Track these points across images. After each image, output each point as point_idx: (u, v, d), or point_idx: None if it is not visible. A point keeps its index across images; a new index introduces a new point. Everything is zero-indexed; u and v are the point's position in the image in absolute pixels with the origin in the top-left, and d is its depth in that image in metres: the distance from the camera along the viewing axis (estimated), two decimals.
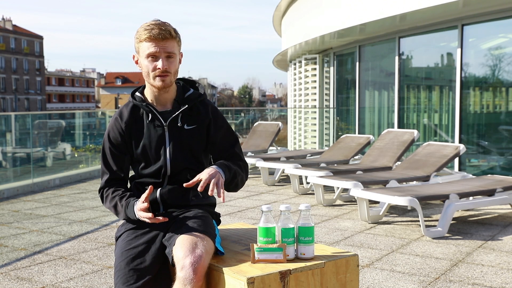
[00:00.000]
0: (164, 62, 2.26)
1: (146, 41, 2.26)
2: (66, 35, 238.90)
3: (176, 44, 2.30)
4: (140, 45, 2.29)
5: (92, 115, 16.90)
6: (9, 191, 7.49)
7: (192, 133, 2.37)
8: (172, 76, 2.31)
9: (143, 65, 2.30)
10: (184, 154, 2.36)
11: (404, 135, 7.44)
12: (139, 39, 2.28)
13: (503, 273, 3.92)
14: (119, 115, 2.39)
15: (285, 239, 2.13)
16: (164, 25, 2.27)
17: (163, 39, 2.25)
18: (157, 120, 2.35)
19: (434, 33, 9.17)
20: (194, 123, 2.38)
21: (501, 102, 8.50)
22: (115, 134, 2.38)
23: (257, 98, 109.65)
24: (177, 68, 2.33)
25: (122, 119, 2.38)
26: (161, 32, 2.24)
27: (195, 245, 2.06)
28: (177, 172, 2.36)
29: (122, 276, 2.14)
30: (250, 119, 15.31)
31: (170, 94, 2.38)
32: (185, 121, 2.37)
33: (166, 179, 2.37)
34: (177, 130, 2.36)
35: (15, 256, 4.40)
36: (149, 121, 2.36)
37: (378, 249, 4.56)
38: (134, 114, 2.39)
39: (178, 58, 2.33)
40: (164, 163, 2.34)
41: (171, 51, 2.27)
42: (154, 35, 2.24)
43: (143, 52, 2.28)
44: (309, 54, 13.43)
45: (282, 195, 7.31)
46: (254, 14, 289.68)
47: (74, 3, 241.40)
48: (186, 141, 2.36)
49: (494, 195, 5.48)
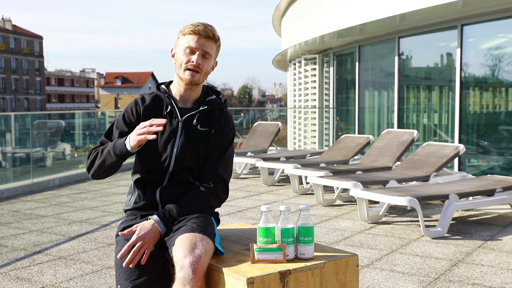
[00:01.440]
0: (199, 58, 2.33)
1: (189, 35, 2.34)
2: (66, 35, 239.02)
3: (215, 47, 2.39)
4: (182, 39, 2.37)
5: (92, 115, 16.89)
6: (9, 191, 7.49)
7: (203, 135, 2.39)
8: (202, 74, 2.36)
9: (178, 57, 2.37)
10: (191, 153, 2.37)
11: (404, 135, 7.45)
12: (183, 32, 2.37)
13: (503, 273, 3.92)
14: (140, 99, 2.45)
15: (285, 239, 2.13)
16: (210, 26, 2.37)
17: (205, 37, 2.34)
18: (174, 113, 2.39)
19: (433, 33, 9.17)
20: (208, 126, 2.41)
21: (501, 102, 8.50)
22: (131, 114, 2.41)
23: (257, 98, 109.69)
24: (209, 71, 2.40)
25: (143, 103, 2.42)
26: (205, 30, 2.34)
27: (195, 245, 2.06)
28: (179, 170, 2.36)
29: (124, 272, 2.15)
30: (250, 119, 15.29)
31: (195, 93, 2.43)
32: (199, 122, 2.40)
33: (167, 176, 2.37)
34: (191, 128, 2.39)
35: (14, 256, 4.40)
36: (166, 113, 2.40)
37: (377, 249, 4.56)
38: (155, 102, 2.43)
39: (212, 61, 2.39)
40: (170, 157, 2.35)
41: (208, 51, 2.35)
42: (198, 30, 2.33)
43: (182, 45, 2.35)
44: (309, 54, 13.43)
45: (281, 195, 7.31)
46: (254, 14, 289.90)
47: (74, 3, 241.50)
48: (196, 141, 2.38)
49: (493, 195, 5.49)
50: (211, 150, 2.40)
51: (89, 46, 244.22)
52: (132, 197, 2.44)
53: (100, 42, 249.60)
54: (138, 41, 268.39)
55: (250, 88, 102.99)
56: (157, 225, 2.21)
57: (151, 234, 2.18)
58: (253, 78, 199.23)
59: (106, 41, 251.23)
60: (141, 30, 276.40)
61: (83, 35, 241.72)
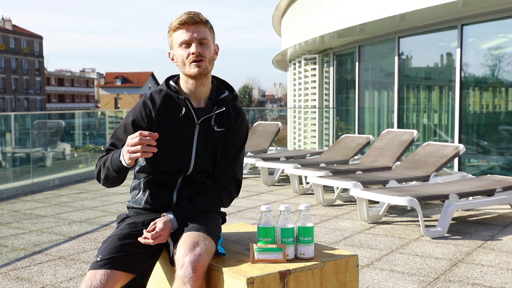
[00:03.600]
0: (198, 47, 2.22)
1: (177, 29, 2.24)
2: (66, 35, 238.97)
3: (207, 30, 2.27)
4: (173, 36, 2.27)
5: (92, 115, 16.88)
6: (9, 191, 7.48)
7: (220, 136, 2.33)
8: (207, 62, 2.24)
9: (177, 55, 2.26)
10: (209, 155, 2.32)
11: (404, 135, 7.45)
12: (171, 29, 2.27)
13: (503, 273, 3.92)
14: (149, 99, 2.28)
15: (285, 239, 2.13)
16: (193, 12, 2.26)
17: (193, 24, 2.23)
18: (191, 116, 2.28)
19: (433, 33, 9.17)
20: (224, 126, 2.33)
21: (501, 102, 8.50)
22: (141, 119, 2.25)
23: (257, 98, 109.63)
24: (213, 57, 2.28)
25: (153, 105, 2.26)
26: (190, 17, 2.23)
27: (196, 244, 2.06)
28: (197, 172, 2.31)
29: (108, 245, 2.16)
30: (250, 119, 15.28)
31: (206, 88, 2.32)
32: (216, 123, 2.32)
33: (181, 179, 2.31)
34: (208, 130, 2.30)
35: (14, 256, 4.39)
36: (182, 115, 2.27)
37: (377, 249, 4.56)
38: (166, 103, 2.28)
39: (212, 45, 2.28)
40: (188, 161, 2.28)
41: (203, 37, 2.24)
42: (184, 20, 2.23)
43: (176, 42, 2.26)
44: (309, 54, 13.43)
45: (281, 195, 7.31)
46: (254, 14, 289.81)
47: (74, 3, 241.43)
48: (213, 143, 2.32)
49: (493, 195, 5.48)
50: (227, 150, 2.35)
51: (89, 46, 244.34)
52: (141, 195, 2.34)
53: (100, 42, 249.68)
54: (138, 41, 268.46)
55: (250, 88, 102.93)
56: (172, 222, 2.20)
57: (168, 232, 2.18)
58: (253, 78, 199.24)
59: (106, 41, 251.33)
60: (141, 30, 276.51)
61: (83, 35, 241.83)
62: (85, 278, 2.08)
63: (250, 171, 9.66)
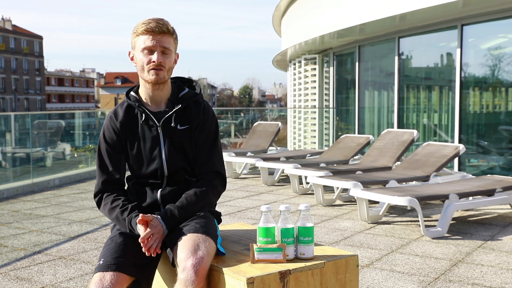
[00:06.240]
0: (160, 56, 2.25)
1: (142, 34, 2.26)
2: (66, 35, 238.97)
3: (172, 40, 2.30)
4: (137, 39, 2.29)
5: (92, 115, 16.90)
6: (9, 191, 7.48)
7: (184, 133, 2.36)
8: (166, 71, 2.29)
9: (138, 59, 2.30)
10: (179, 154, 2.36)
11: (404, 135, 7.45)
12: (136, 33, 2.29)
13: (503, 273, 3.92)
14: (113, 114, 2.39)
15: (285, 239, 2.13)
16: (162, 21, 2.28)
17: (160, 33, 2.25)
18: (151, 120, 2.34)
19: (433, 33, 9.17)
20: (187, 123, 2.36)
21: (501, 102, 8.50)
22: (110, 134, 2.37)
23: (257, 98, 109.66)
24: (172, 66, 2.32)
25: (117, 119, 2.37)
26: (158, 26, 2.25)
27: (197, 246, 2.06)
28: (174, 172, 2.36)
29: (110, 248, 2.19)
30: (250, 119, 15.29)
31: (165, 92, 2.37)
32: (178, 121, 2.35)
33: (164, 180, 2.37)
34: (171, 130, 2.34)
35: (14, 256, 4.39)
36: (143, 121, 2.35)
37: (377, 249, 4.56)
38: (128, 113, 2.38)
39: (173, 55, 2.32)
40: (161, 164, 2.34)
41: (167, 47, 2.28)
42: (151, 27, 2.24)
43: (139, 46, 2.28)
44: (309, 54, 13.43)
45: (281, 195, 7.31)
46: (254, 14, 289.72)
47: (74, 3, 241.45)
48: (179, 141, 2.35)
49: (493, 195, 5.49)
50: (198, 146, 2.37)
51: (89, 46, 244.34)
52: (130, 196, 2.43)
53: (100, 42, 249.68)
54: None
55: (250, 88, 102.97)
56: (162, 226, 2.20)
57: (160, 233, 2.18)
58: (253, 78, 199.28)
59: (106, 41, 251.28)
60: None
61: (83, 35, 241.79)
62: (93, 279, 2.10)
63: (250, 171, 9.66)
